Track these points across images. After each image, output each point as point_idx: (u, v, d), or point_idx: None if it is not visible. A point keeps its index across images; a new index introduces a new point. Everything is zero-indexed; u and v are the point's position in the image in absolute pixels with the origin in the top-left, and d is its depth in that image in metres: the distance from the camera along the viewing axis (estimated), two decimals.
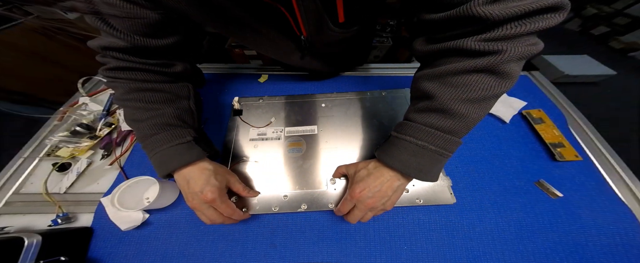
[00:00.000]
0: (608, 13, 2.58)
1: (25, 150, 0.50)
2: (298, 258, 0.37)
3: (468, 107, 0.27)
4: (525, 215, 0.40)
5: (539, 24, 0.23)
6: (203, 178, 0.34)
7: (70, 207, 0.42)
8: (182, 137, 0.35)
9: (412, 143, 0.31)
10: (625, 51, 2.43)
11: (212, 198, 0.33)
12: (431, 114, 0.30)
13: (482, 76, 0.26)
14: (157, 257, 0.37)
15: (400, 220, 0.40)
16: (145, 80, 0.37)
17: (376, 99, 0.58)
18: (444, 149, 0.30)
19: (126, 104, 0.37)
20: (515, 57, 0.24)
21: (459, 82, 0.27)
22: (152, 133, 0.35)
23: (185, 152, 0.35)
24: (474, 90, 0.27)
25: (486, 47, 0.25)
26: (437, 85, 0.29)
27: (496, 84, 0.26)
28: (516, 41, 0.24)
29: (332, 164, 0.47)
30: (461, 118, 0.28)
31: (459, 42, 0.27)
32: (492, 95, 0.27)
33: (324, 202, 0.42)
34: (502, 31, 0.24)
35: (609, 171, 0.46)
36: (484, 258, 0.37)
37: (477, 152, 0.49)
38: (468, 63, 0.26)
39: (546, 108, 0.55)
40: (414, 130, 0.31)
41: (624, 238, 0.38)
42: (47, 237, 0.33)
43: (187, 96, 0.42)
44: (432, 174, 0.32)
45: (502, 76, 0.26)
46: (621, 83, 2.06)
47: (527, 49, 0.24)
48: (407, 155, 0.31)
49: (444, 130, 0.29)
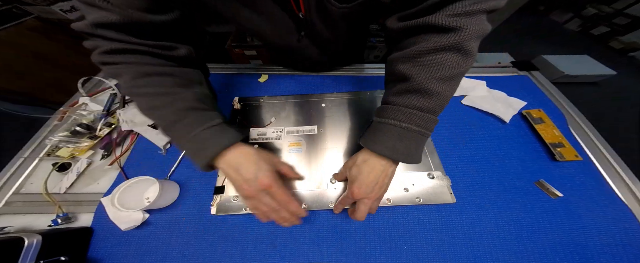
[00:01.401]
0: (608, 13, 2.59)
1: (25, 150, 0.50)
2: (298, 258, 0.37)
3: (441, 85, 0.29)
4: (525, 215, 0.40)
5: (490, 3, 0.27)
6: (252, 163, 0.32)
7: (70, 207, 0.42)
8: (212, 120, 0.32)
9: (396, 127, 0.31)
10: (625, 51, 2.43)
11: (268, 183, 0.31)
12: (410, 95, 0.31)
13: (450, 54, 0.28)
14: (157, 257, 0.37)
15: (400, 220, 0.40)
16: (150, 64, 0.32)
17: (376, 99, 0.58)
18: (425, 129, 0.31)
19: (138, 92, 0.31)
20: (474, 35, 0.27)
21: (431, 61, 0.29)
22: (178, 118, 0.31)
23: (220, 134, 0.31)
24: (444, 69, 0.29)
25: (451, 23, 0.27)
26: (411, 66, 0.30)
27: (462, 62, 0.29)
28: (473, 19, 0.27)
29: (332, 164, 0.47)
30: (437, 96, 0.30)
31: (427, 18, 0.28)
32: (459, 72, 0.30)
33: (324, 201, 0.42)
34: (464, 7, 0.26)
35: (609, 171, 0.46)
36: (484, 258, 0.37)
37: (477, 152, 0.49)
38: (436, 41, 0.28)
39: (546, 108, 0.55)
40: (396, 112, 0.31)
41: (624, 238, 0.38)
42: (47, 237, 0.33)
43: (200, 81, 0.38)
44: (417, 156, 0.33)
45: (465, 53, 0.28)
46: (621, 83, 2.06)
47: (481, 27, 0.28)
48: (394, 140, 0.31)
49: (424, 109, 0.30)
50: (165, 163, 0.47)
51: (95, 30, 0.28)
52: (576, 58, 2.07)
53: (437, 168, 0.46)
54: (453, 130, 0.52)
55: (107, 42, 0.29)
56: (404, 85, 0.31)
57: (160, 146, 0.49)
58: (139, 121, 0.52)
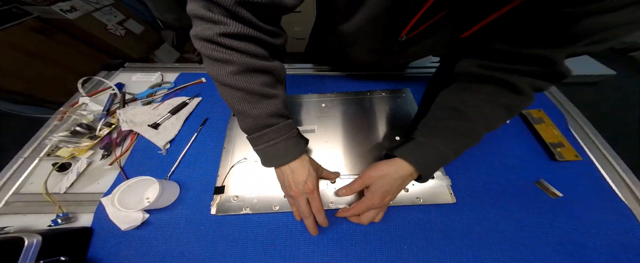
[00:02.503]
0: None
1: (25, 150, 0.50)
2: (298, 258, 0.37)
3: (485, 132, 0.34)
4: (525, 215, 0.40)
5: (546, 85, 0.32)
6: (306, 170, 0.36)
7: (70, 207, 0.42)
8: (291, 130, 0.36)
9: (442, 150, 0.34)
10: (625, 51, 2.43)
11: (312, 188, 0.35)
12: (463, 131, 0.34)
13: (505, 112, 0.33)
14: (157, 257, 0.37)
15: (400, 220, 0.40)
16: (259, 57, 0.31)
17: (376, 99, 0.58)
18: (454, 158, 0.34)
19: (237, 85, 0.31)
20: (528, 104, 0.33)
21: (490, 113, 0.33)
22: (267, 123, 0.33)
23: (294, 147, 0.36)
24: (497, 122, 0.34)
25: (527, 90, 0.31)
26: (476, 110, 0.34)
27: (505, 121, 0.34)
28: (534, 94, 0.32)
29: (332, 164, 0.47)
30: (477, 140, 0.34)
31: (512, 77, 0.31)
32: (498, 128, 0.35)
33: (324, 201, 0.42)
34: (540, 82, 0.31)
35: (609, 171, 0.46)
36: (484, 258, 0.37)
37: (477, 152, 0.49)
38: (507, 99, 0.32)
39: (546, 108, 0.55)
40: (448, 140, 0.34)
41: (624, 238, 0.38)
42: (47, 237, 0.33)
43: (283, 79, 0.39)
44: (432, 176, 0.37)
45: (512, 117, 0.34)
46: (621, 83, 2.06)
47: (532, 102, 0.33)
48: (434, 160, 0.34)
49: (465, 145, 0.34)
50: (165, 163, 0.47)
51: (235, 8, 0.26)
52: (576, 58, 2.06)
53: None
54: None
55: (234, 23, 0.28)
56: (461, 123, 0.34)
57: (160, 146, 0.49)
58: (139, 121, 0.52)
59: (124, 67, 0.69)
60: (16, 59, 1.18)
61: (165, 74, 0.66)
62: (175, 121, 0.53)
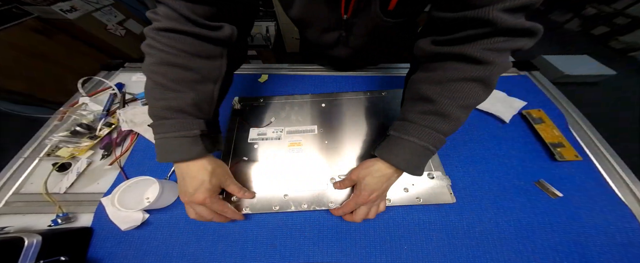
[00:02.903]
0: (608, 13, 2.58)
1: (25, 150, 0.50)
2: (298, 258, 0.37)
3: (461, 112, 0.31)
4: (525, 215, 0.40)
5: (520, 43, 0.27)
6: (198, 179, 0.34)
7: (70, 207, 0.42)
8: (190, 129, 0.33)
9: (415, 144, 0.33)
10: (625, 51, 2.43)
11: (202, 200, 0.34)
12: (432, 117, 0.32)
13: (476, 85, 0.30)
14: (158, 257, 0.37)
15: (400, 220, 0.40)
16: (182, 51, 0.32)
17: (376, 99, 0.58)
18: (436, 147, 0.33)
19: (151, 76, 0.33)
20: (501, 70, 0.29)
21: (458, 89, 0.30)
22: (163, 115, 0.33)
23: (188, 146, 0.34)
24: (468, 98, 0.31)
25: (484, 56, 0.28)
26: (438, 90, 0.32)
27: (483, 93, 0.31)
28: (502, 55, 0.28)
29: (332, 164, 0.47)
30: (456, 121, 0.32)
31: (462, 47, 0.29)
32: (477, 102, 0.32)
33: (324, 201, 0.42)
34: (497, 43, 0.27)
35: (609, 171, 0.46)
36: (484, 258, 0.37)
37: (477, 152, 0.49)
38: (466, 71, 0.30)
39: (546, 108, 0.55)
40: (418, 131, 0.33)
41: (624, 238, 0.38)
42: (47, 237, 0.33)
43: (215, 79, 0.38)
44: (422, 168, 0.35)
45: (488, 86, 0.30)
46: (621, 83, 2.06)
47: (507, 65, 0.29)
48: (410, 155, 0.34)
49: (442, 131, 0.32)
50: (165, 164, 0.47)
51: (168, 2, 0.30)
52: (576, 58, 2.07)
53: (437, 168, 0.46)
54: None
55: (164, 19, 0.31)
56: (427, 107, 0.33)
57: None
58: (139, 121, 0.52)
59: (124, 67, 0.69)
60: (16, 59, 1.18)
61: None
62: None
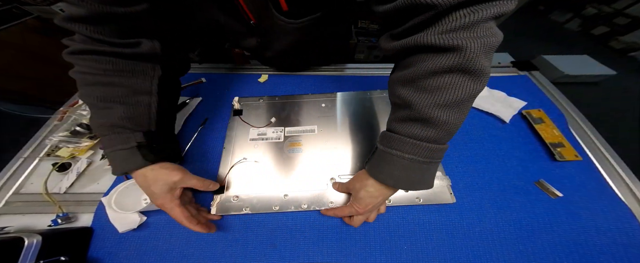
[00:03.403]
0: (608, 13, 2.58)
1: (25, 150, 0.50)
2: (298, 258, 0.37)
3: (447, 112, 0.26)
4: (525, 215, 0.40)
5: (492, 10, 0.22)
6: (146, 187, 0.36)
7: (70, 207, 0.42)
8: (125, 143, 0.35)
9: (400, 158, 0.29)
10: (625, 51, 2.43)
11: (159, 205, 0.35)
12: (413, 124, 0.28)
13: (454, 77, 0.25)
14: (158, 257, 0.37)
15: (400, 220, 0.40)
16: (103, 71, 0.33)
17: (376, 99, 0.58)
18: (431, 159, 0.29)
19: (82, 98, 0.36)
20: (481, 51, 0.23)
21: (433, 86, 0.25)
22: (102, 133, 0.35)
23: (124, 159, 0.35)
24: (449, 94, 0.25)
25: (447, 41, 0.23)
26: (412, 91, 0.28)
27: (471, 83, 0.25)
28: (474, 32, 0.23)
29: (332, 164, 0.47)
30: (443, 125, 0.27)
31: (418, 37, 0.25)
32: (467, 96, 0.25)
33: (324, 201, 0.42)
34: (457, 21, 0.22)
35: (609, 171, 0.46)
36: (484, 258, 0.37)
37: (477, 152, 0.49)
38: (435, 63, 0.25)
39: (546, 108, 0.55)
40: (400, 143, 0.29)
41: (624, 238, 0.38)
42: (47, 237, 0.33)
43: (147, 91, 0.38)
44: (425, 183, 0.31)
45: (473, 74, 0.24)
46: (621, 83, 2.06)
47: (488, 41, 0.23)
48: (399, 171, 0.30)
49: (428, 140, 0.28)
50: None
51: (66, 24, 0.31)
52: (576, 58, 2.07)
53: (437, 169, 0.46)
54: None
55: (77, 43, 0.33)
56: (406, 113, 0.29)
57: None
58: None
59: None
60: (16, 59, 1.18)
61: None
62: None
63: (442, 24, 0.23)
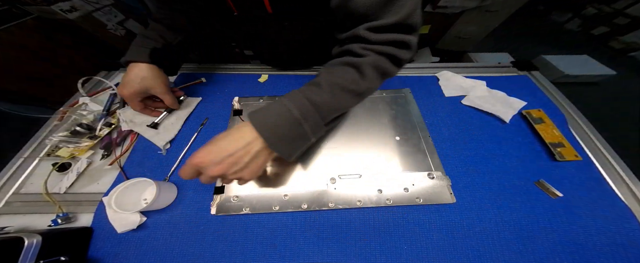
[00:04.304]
0: (608, 13, 2.59)
1: (25, 150, 0.50)
2: (298, 258, 0.37)
3: (335, 89, 0.34)
4: (525, 215, 0.40)
5: (394, 52, 0.34)
6: (129, 76, 0.46)
7: (70, 207, 0.42)
8: (144, 40, 0.48)
9: (280, 104, 0.32)
10: (625, 51, 2.43)
11: (124, 94, 0.47)
12: (309, 86, 0.35)
13: (350, 69, 0.35)
14: (158, 257, 0.37)
15: (400, 220, 0.40)
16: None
17: (376, 99, 0.58)
18: (304, 118, 0.32)
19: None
20: (372, 64, 0.34)
21: (336, 70, 0.35)
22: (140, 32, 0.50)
23: (137, 51, 0.47)
24: (341, 78, 0.34)
25: (362, 52, 0.35)
26: (324, 70, 0.37)
27: (359, 79, 0.34)
28: (379, 53, 0.34)
29: (332, 164, 0.47)
30: (329, 96, 0.33)
31: (349, 46, 0.36)
32: (353, 88, 0.34)
33: (324, 201, 0.42)
34: (374, 46, 0.34)
35: (609, 171, 0.46)
36: (484, 258, 0.37)
37: (477, 152, 0.49)
38: (345, 59, 0.36)
39: (546, 108, 0.55)
40: (291, 95, 0.34)
41: (624, 238, 0.38)
42: (47, 237, 0.33)
43: (177, 26, 0.51)
44: (285, 144, 0.32)
45: (362, 74, 0.34)
46: (621, 83, 2.06)
47: (382, 65, 0.35)
48: (272, 112, 0.32)
49: (312, 101, 0.32)
50: (165, 164, 0.47)
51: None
52: (576, 58, 2.07)
53: (437, 169, 0.46)
54: (453, 130, 0.52)
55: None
56: (312, 80, 0.36)
57: (160, 146, 0.49)
58: (139, 121, 0.52)
59: (124, 67, 0.69)
60: (16, 59, 1.18)
61: None
62: (175, 121, 0.53)
63: (366, 45, 0.35)
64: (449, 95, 0.60)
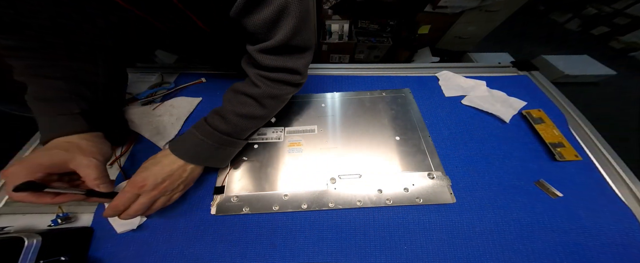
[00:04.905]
0: (608, 13, 2.58)
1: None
2: (298, 258, 0.37)
3: (238, 119, 0.39)
4: (525, 215, 0.40)
5: (286, 78, 0.39)
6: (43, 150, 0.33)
7: (71, 207, 0.42)
8: (68, 110, 0.37)
9: (195, 136, 0.37)
10: (625, 51, 2.43)
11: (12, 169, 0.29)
12: (216, 117, 0.39)
13: (250, 100, 0.39)
14: (158, 257, 0.37)
15: (400, 220, 0.40)
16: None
17: (376, 99, 0.58)
18: (220, 144, 0.38)
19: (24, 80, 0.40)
20: (269, 95, 0.39)
21: (238, 101, 0.39)
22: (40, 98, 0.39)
23: (55, 121, 0.36)
24: (243, 108, 0.39)
25: (255, 81, 0.38)
26: (227, 98, 0.40)
27: (259, 109, 0.40)
28: (271, 83, 0.38)
29: (332, 164, 0.47)
30: (233, 125, 0.38)
31: (249, 72, 0.39)
32: (255, 115, 0.40)
33: (324, 201, 0.42)
34: (266, 72, 0.38)
35: (609, 171, 0.46)
36: (484, 258, 0.37)
37: (477, 152, 0.49)
38: (246, 89, 0.39)
39: (546, 108, 0.55)
40: (202, 128, 0.38)
41: (624, 238, 0.38)
42: (47, 237, 0.33)
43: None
44: (215, 160, 0.40)
45: (261, 104, 0.39)
46: (621, 83, 2.06)
47: (278, 92, 0.39)
48: (190, 145, 0.37)
49: (222, 131, 0.38)
50: None
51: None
52: (576, 58, 2.07)
53: (437, 169, 0.46)
54: (453, 130, 0.52)
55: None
56: (218, 109, 0.40)
57: (160, 146, 0.49)
58: (139, 121, 0.52)
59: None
60: None
61: (165, 74, 0.66)
62: (175, 121, 0.53)
63: (258, 71, 0.38)
64: (449, 95, 0.60)
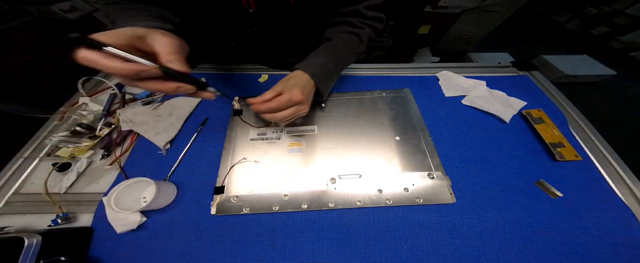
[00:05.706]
0: (608, 13, 2.58)
1: (25, 150, 0.50)
2: (298, 258, 0.37)
3: (346, 51, 0.51)
4: (525, 215, 0.40)
5: (377, 25, 0.54)
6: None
7: (70, 207, 0.42)
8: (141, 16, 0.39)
9: (321, 59, 0.48)
10: (625, 51, 2.43)
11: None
12: (330, 47, 0.50)
13: (354, 37, 0.52)
14: (158, 257, 0.37)
15: (400, 220, 0.40)
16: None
17: (376, 99, 0.58)
18: (333, 68, 0.50)
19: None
20: (367, 34, 0.53)
21: (345, 37, 0.51)
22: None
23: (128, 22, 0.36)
24: (351, 42, 0.51)
25: (360, 25, 0.51)
26: (336, 35, 0.51)
27: (359, 43, 0.52)
28: (370, 27, 0.52)
29: (332, 164, 0.47)
30: (345, 54, 0.51)
31: (350, 19, 0.51)
32: (357, 50, 0.53)
33: (324, 201, 0.42)
34: (367, 21, 0.51)
35: (609, 171, 0.46)
36: (484, 258, 0.37)
37: (477, 152, 0.49)
38: (350, 28, 0.51)
39: (546, 108, 0.55)
40: (323, 56, 0.48)
41: (624, 238, 0.38)
42: (47, 237, 0.33)
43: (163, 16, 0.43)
44: (324, 85, 0.48)
45: (361, 40, 0.52)
46: (621, 83, 2.06)
47: (371, 34, 0.54)
48: (317, 67, 0.47)
49: (338, 56, 0.50)
50: (165, 164, 0.47)
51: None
52: (576, 58, 2.07)
53: (437, 169, 0.46)
54: (453, 130, 0.52)
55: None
56: (328, 45, 0.51)
57: (160, 146, 0.49)
58: (139, 121, 0.52)
59: None
60: (16, 59, 1.18)
61: None
62: (175, 121, 0.53)
63: (361, 19, 0.51)
64: (449, 95, 0.60)
